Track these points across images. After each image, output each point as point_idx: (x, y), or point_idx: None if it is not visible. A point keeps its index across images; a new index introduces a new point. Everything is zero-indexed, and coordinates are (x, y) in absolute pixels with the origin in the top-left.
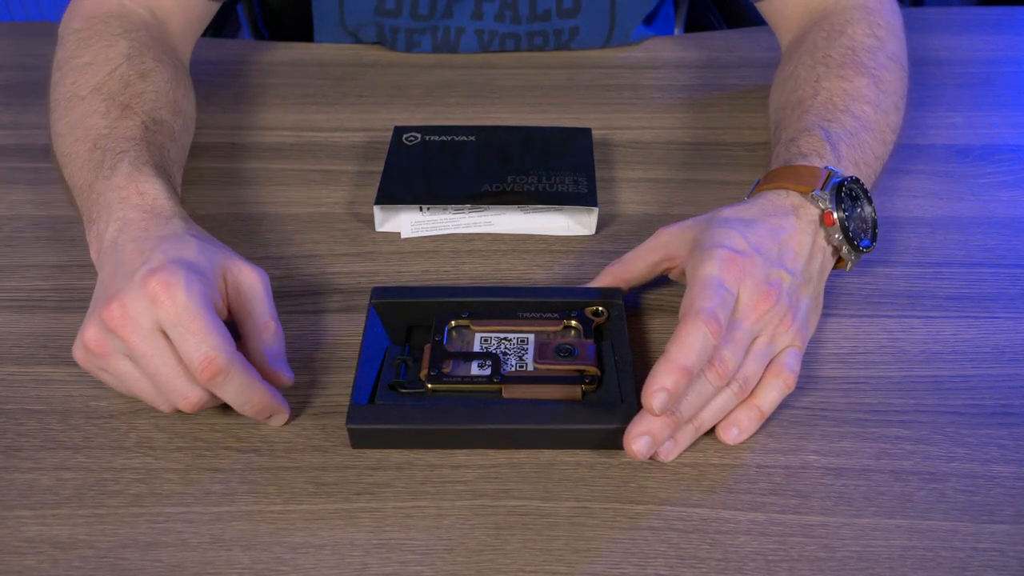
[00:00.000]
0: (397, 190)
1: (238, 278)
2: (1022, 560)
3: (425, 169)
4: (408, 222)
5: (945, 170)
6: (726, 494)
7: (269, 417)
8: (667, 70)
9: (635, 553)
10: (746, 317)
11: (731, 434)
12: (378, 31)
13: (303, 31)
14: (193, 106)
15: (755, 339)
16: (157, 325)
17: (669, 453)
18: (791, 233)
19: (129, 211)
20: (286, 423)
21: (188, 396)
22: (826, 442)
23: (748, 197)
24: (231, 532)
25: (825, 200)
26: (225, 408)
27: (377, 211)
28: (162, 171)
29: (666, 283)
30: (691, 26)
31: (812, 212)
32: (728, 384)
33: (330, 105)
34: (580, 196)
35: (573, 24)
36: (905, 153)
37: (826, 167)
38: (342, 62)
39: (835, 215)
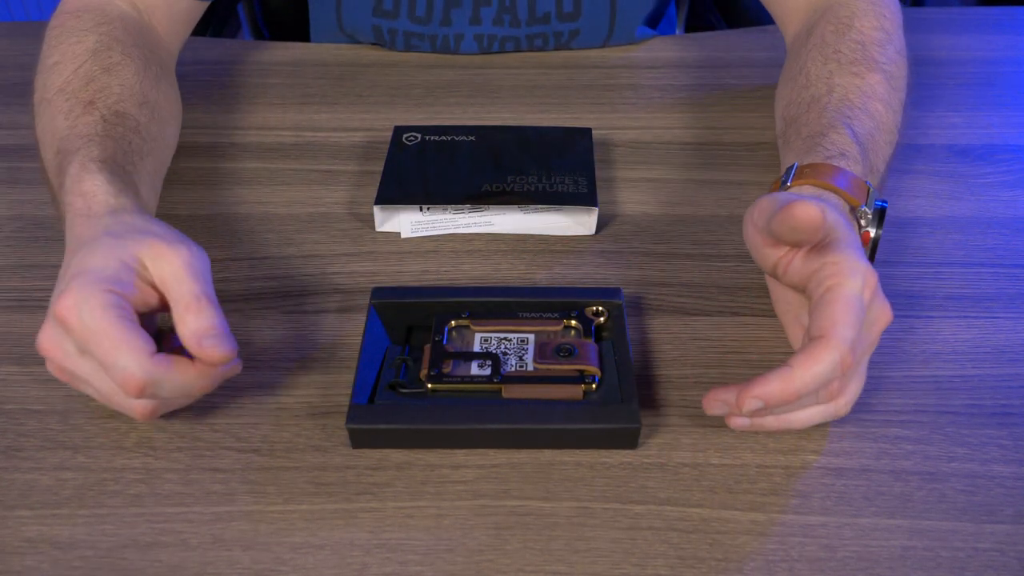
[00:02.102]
0: (397, 190)
1: (158, 264)
2: (1022, 560)
3: (425, 169)
4: (408, 222)
5: (945, 170)
6: (726, 494)
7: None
8: (667, 70)
9: (635, 553)
10: (869, 340)
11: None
12: (376, 34)
13: (303, 31)
14: (169, 97)
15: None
16: (79, 349)
17: (742, 426)
18: None
19: (73, 220)
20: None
21: (135, 408)
22: (826, 442)
23: (790, 184)
24: (231, 532)
25: (868, 217)
26: (225, 408)
27: (377, 211)
28: (113, 164)
29: (666, 283)
30: (691, 26)
31: (854, 226)
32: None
33: (330, 105)
34: (580, 196)
35: (573, 28)
36: (905, 153)
37: (866, 180)
38: (342, 62)
39: (873, 233)
